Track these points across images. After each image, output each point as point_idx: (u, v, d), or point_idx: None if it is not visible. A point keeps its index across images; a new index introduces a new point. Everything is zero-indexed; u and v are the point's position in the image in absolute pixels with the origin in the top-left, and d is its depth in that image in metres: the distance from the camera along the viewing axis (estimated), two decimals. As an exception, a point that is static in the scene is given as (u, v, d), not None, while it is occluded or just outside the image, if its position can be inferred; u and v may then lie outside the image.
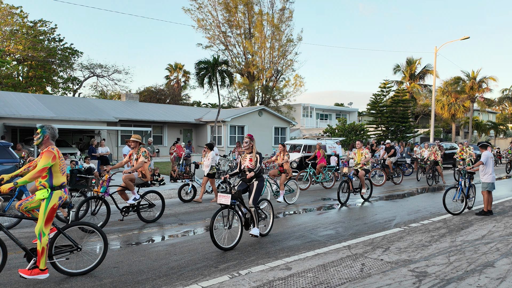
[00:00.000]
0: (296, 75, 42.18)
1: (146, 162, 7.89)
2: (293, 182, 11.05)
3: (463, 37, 26.54)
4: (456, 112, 41.78)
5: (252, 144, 6.74)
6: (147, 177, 7.95)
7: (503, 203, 10.75)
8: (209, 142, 12.19)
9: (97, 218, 7.36)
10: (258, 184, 6.56)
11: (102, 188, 7.34)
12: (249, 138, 6.71)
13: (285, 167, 10.46)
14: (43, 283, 4.62)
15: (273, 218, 7.20)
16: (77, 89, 43.47)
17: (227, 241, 6.11)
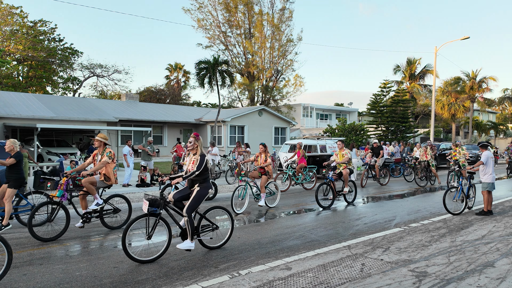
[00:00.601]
0: (296, 75, 42.21)
1: (109, 163, 7.32)
2: (273, 184, 10.56)
3: (463, 37, 26.55)
4: (456, 112, 41.79)
5: (197, 144, 6.00)
6: (111, 180, 7.35)
7: (503, 203, 10.75)
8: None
9: (55, 225, 6.98)
10: (198, 192, 5.74)
11: (59, 192, 6.83)
12: (194, 138, 5.98)
13: (266, 168, 9.88)
14: (43, 283, 4.62)
15: (232, 229, 6.40)
16: (77, 89, 43.49)
17: (146, 253, 5.62)
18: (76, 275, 4.91)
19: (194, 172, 5.70)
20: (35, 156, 16.88)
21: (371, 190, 13.86)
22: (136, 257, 5.28)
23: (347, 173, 10.49)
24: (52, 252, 5.90)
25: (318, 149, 17.17)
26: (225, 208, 6.29)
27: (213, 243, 6.13)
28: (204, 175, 5.84)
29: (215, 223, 6.15)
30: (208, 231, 6.03)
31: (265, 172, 9.85)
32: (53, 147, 19.48)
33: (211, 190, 5.92)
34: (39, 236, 6.43)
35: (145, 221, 5.48)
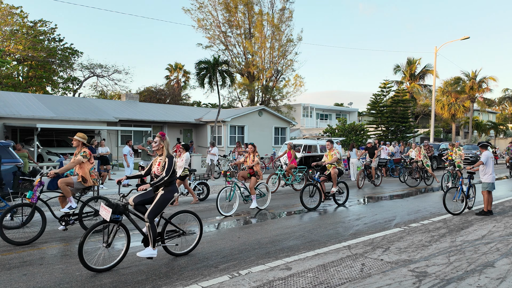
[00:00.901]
0: (296, 75, 42.20)
1: (83, 163, 6.98)
2: (263, 185, 10.24)
3: (463, 37, 26.55)
4: (456, 112, 41.81)
5: (162, 145, 5.48)
6: (88, 182, 7.00)
7: (503, 203, 10.75)
8: (185, 143, 11.50)
9: (32, 227, 6.71)
10: (162, 196, 5.32)
11: (29, 193, 6.43)
12: (159, 137, 5.50)
13: (255, 169, 9.51)
14: (43, 283, 4.62)
15: (201, 234, 5.99)
16: (77, 89, 43.48)
17: (102, 261, 5.19)
18: (76, 275, 4.91)
19: (163, 178, 5.27)
20: (35, 156, 16.88)
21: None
22: (93, 266, 4.91)
23: (335, 174, 10.20)
24: (52, 252, 5.91)
25: (318, 149, 17.16)
26: (193, 212, 5.93)
27: (180, 249, 5.75)
28: (170, 177, 5.38)
29: (182, 228, 5.76)
30: (173, 237, 5.64)
31: (254, 172, 9.52)
32: (53, 147, 19.48)
33: (176, 194, 5.50)
34: (10, 240, 6.09)
35: (105, 228, 5.14)
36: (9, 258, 5.57)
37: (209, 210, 9.52)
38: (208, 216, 8.79)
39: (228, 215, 8.78)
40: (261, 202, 10.04)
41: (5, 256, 5.68)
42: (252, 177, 9.52)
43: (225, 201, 9.22)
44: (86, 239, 4.83)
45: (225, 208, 9.02)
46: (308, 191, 9.85)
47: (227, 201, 9.15)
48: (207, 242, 6.51)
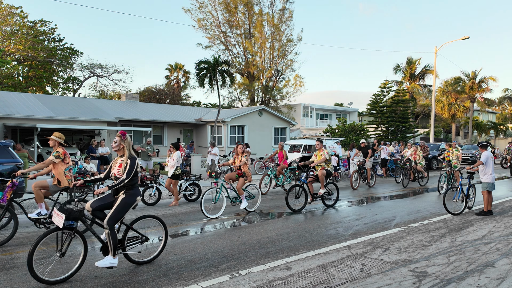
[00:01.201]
0: (296, 75, 42.20)
1: (56, 163, 6.65)
2: (253, 187, 9.84)
3: (463, 37, 26.56)
4: (456, 112, 41.81)
5: (123, 145, 5.07)
6: (63, 183, 6.70)
7: (503, 203, 10.75)
8: (175, 142, 11.25)
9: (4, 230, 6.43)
10: (123, 200, 4.93)
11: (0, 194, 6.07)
12: (119, 137, 5.07)
13: (243, 169, 9.20)
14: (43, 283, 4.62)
15: (165, 240, 5.62)
16: (77, 89, 43.48)
17: (55, 272, 4.83)
18: (76, 275, 4.90)
19: (123, 181, 4.88)
20: (35, 156, 16.89)
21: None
22: (45, 277, 4.52)
23: (322, 174, 9.86)
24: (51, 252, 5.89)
25: (318, 149, 17.16)
26: (157, 216, 5.57)
27: (142, 257, 5.38)
28: (132, 180, 5.00)
29: (144, 234, 5.39)
30: (136, 244, 5.25)
31: (242, 173, 9.18)
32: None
33: (139, 197, 5.10)
34: None
35: (58, 236, 4.70)
36: (9, 258, 5.57)
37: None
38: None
39: (214, 218, 8.45)
40: (251, 204, 9.69)
41: (5, 256, 5.68)
42: (240, 178, 9.18)
43: (210, 203, 8.97)
44: (36, 248, 4.46)
45: (211, 211, 8.69)
46: (294, 193, 9.44)
47: (213, 203, 8.85)
48: (207, 242, 6.52)
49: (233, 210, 9.45)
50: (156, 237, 6.37)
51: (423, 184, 14.99)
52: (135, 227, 5.31)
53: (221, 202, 8.94)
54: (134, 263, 5.27)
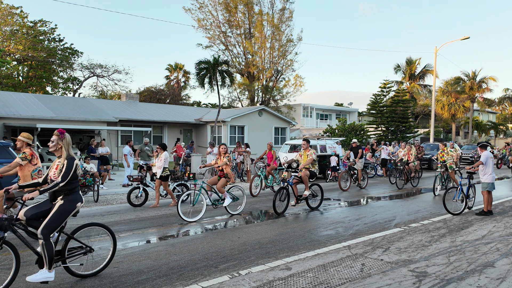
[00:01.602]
0: (296, 75, 42.21)
1: (22, 165, 6.33)
2: (237, 188, 9.49)
3: (463, 37, 26.56)
4: (456, 112, 41.82)
5: (61, 145, 4.57)
6: None
7: (503, 203, 10.75)
8: (162, 142, 10.77)
9: None
10: (61, 207, 4.42)
11: None
12: (56, 136, 4.56)
13: (225, 171, 8.86)
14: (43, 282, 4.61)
15: (114, 250, 5.07)
16: (77, 89, 43.49)
17: None
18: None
19: (57, 184, 4.36)
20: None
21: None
22: None
23: (306, 175, 9.43)
24: (52, 252, 5.88)
25: (318, 149, 17.17)
26: (103, 224, 5.07)
27: (86, 270, 4.87)
28: (71, 184, 4.51)
29: (89, 244, 4.90)
30: (78, 256, 4.73)
31: (224, 174, 8.84)
32: (53, 147, 19.47)
33: (79, 204, 4.61)
34: None
35: None
36: (9, 258, 5.56)
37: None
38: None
39: (192, 221, 8.07)
40: (234, 207, 9.22)
41: (5, 256, 5.68)
42: (222, 178, 8.82)
43: (189, 206, 8.68)
44: None
45: (189, 214, 8.29)
46: (278, 196, 8.99)
47: (191, 206, 8.51)
48: (207, 242, 6.52)
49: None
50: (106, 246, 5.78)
51: (415, 185, 14.61)
52: (78, 236, 4.78)
53: (200, 205, 8.61)
54: (77, 277, 4.77)
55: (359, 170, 14.28)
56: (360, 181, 14.25)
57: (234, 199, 9.10)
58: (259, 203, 10.75)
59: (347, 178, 13.97)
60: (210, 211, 9.20)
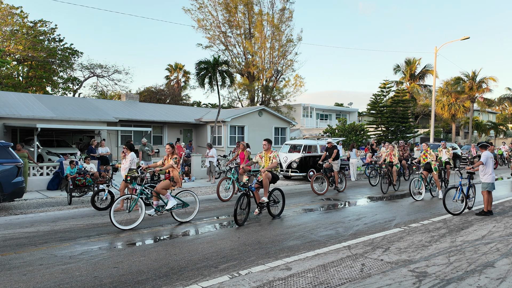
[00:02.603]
0: (296, 75, 42.16)
1: None
2: (188, 193, 8.51)
3: (463, 37, 26.56)
4: (456, 112, 41.82)
5: None
6: None
7: (503, 203, 10.75)
8: (129, 142, 10.07)
9: None
10: None
11: None
12: None
13: (171, 174, 8.00)
14: (43, 283, 4.62)
15: None
16: (77, 89, 43.47)
17: None
18: (76, 275, 4.91)
19: None
20: (35, 156, 16.87)
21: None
22: None
23: (268, 178, 8.47)
24: (52, 252, 5.90)
25: (318, 149, 17.18)
26: None
27: None
28: None
29: None
30: None
31: (170, 177, 7.97)
32: (53, 147, 19.47)
33: None
34: None
35: None
36: (9, 258, 5.57)
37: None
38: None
39: (127, 229, 7.28)
40: (184, 214, 8.39)
41: (5, 256, 5.68)
42: (166, 180, 7.94)
43: (124, 212, 7.99)
44: None
45: (124, 222, 7.55)
46: (239, 203, 7.84)
47: (127, 212, 7.69)
48: (207, 242, 6.52)
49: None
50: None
51: (396, 189, 13.48)
52: None
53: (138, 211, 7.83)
54: None
55: (335, 172, 13.08)
56: (338, 184, 13.12)
57: (183, 205, 8.17)
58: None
59: (322, 181, 12.84)
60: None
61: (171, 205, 7.83)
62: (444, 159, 13.96)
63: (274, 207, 8.77)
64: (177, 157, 8.22)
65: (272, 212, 8.69)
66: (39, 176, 12.71)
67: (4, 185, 8.98)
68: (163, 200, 7.98)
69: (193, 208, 8.48)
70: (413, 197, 11.26)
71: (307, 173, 16.10)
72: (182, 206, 8.17)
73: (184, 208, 8.23)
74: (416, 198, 11.28)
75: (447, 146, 14.54)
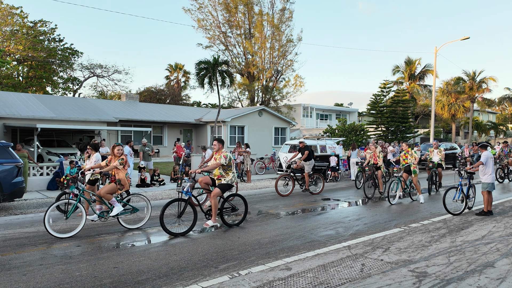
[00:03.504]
0: (296, 75, 42.16)
1: None
2: (140, 198, 7.86)
3: (463, 37, 26.57)
4: (456, 112, 41.82)
5: None
6: None
7: (503, 203, 10.75)
8: (94, 142, 9.28)
9: None
10: None
11: None
12: None
13: (117, 176, 7.32)
14: (43, 283, 4.62)
15: None
16: (77, 89, 43.48)
17: None
18: (76, 275, 4.91)
19: None
20: (35, 156, 16.88)
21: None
22: None
23: (215, 199, 7.25)
24: (52, 252, 5.90)
25: (318, 149, 17.18)
26: None
27: None
28: None
29: None
30: None
31: (116, 180, 7.27)
32: (53, 147, 19.48)
33: None
34: None
35: None
36: (9, 258, 5.57)
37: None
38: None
39: (65, 237, 6.62)
40: (136, 221, 7.74)
41: (5, 256, 5.68)
42: (112, 183, 7.26)
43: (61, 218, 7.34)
44: None
45: (61, 230, 6.90)
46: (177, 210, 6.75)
47: (64, 219, 6.94)
48: (207, 242, 6.52)
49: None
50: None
51: (382, 192, 12.21)
52: None
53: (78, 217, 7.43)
54: None
55: (306, 174, 12.25)
56: (308, 186, 12.27)
57: (132, 211, 7.50)
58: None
59: (287, 182, 12.12)
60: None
61: (117, 211, 7.13)
62: (436, 161, 13.05)
63: (231, 216, 7.69)
64: (124, 159, 7.47)
65: (227, 221, 7.64)
66: (39, 176, 12.70)
67: (4, 185, 8.98)
68: (108, 205, 7.23)
69: (145, 214, 7.84)
70: (389, 201, 10.54)
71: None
72: (131, 212, 7.52)
73: (133, 213, 7.59)
74: (391, 201, 10.55)
75: (439, 146, 13.40)
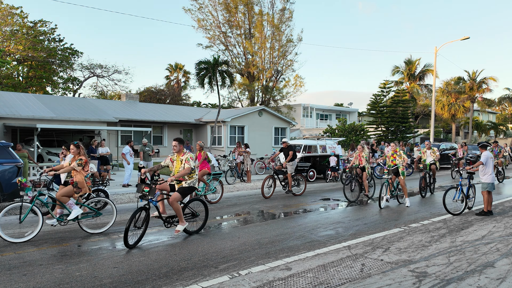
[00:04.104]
0: (296, 75, 42.14)
1: None
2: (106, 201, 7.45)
3: (463, 37, 26.57)
4: (456, 112, 41.82)
5: None
6: None
7: (503, 203, 10.75)
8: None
9: None
10: None
11: None
12: None
13: (75, 178, 6.94)
14: (43, 283, 4.62)
15: None
16: (77, 89, 43.47)
17: None
18: (76, 275, 4.91)
19: None
20: (35, 156, 16.88)
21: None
22: None
23: (176, 204, 6.61)
24: (52, 252, 5.90)
25: (318, 149, 17.18)
26: None
27: None
28: None
29: None
30: None
31: (74, 183, 6.93)
32: (53, 147, 19.48)
33: None
34: None
35: None
36: (9, 258, 5.57)
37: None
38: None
39: (18, 242, 6.26)
40: (96, 225, 7.41)
41: (5, 256, 5.68)
42: (69, 186, 6.93)
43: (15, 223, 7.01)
44: None
45: (16, 234, 6.62)
46: (134, 219, 6.13)
47: (18, 222, 6.54)
48: (207, 242, 6.51)
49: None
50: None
51: (370, 196, 11.72)
52: None
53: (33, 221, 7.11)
54: None
55: (289, 175, 11.96)
56: (291, 187, 12.00)
57: (95, 214, 7.18)
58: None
59: (271, 184, 11.78)
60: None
61: (75, 215, 6.78)
62: (429, 161, 12.59)
63: (191, 224, 7.18)
64: (83, 159, 7.04)
65: (189, 228, 7.08)
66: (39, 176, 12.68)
67: (4, 185, 8.98)
68: (68, 209, 6.87)
69: (108, 219, 7.51)
70: (379, 204, 10.02)
71: (306, 173, 16.10)
72: (93, 216, 7.16)
73: (95, 217, 7.27)
74: (382, 205, 10.02)
75: (432, 147, 12.96)
